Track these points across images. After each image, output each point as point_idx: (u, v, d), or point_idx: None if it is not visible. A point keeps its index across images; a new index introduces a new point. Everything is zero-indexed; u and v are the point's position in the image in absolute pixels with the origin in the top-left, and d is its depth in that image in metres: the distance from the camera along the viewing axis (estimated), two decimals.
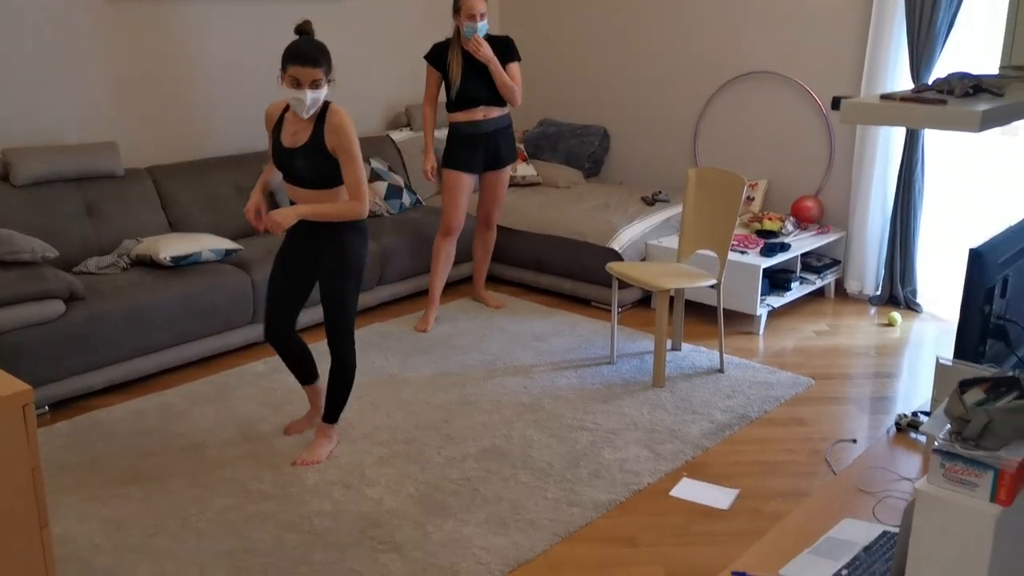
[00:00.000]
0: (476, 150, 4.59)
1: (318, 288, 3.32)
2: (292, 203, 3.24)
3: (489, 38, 4.51)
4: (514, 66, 4.56)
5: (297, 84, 3.02)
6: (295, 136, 3.16)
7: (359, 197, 3.13)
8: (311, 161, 3.13)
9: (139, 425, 3.61)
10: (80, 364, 3.70)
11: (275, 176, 3.41)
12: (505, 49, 4.54)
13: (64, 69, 4.42)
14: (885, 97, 1.52)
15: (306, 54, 3.02)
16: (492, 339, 4.52)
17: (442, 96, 4.63)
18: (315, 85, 3.03)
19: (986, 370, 2.00)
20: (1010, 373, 1.71)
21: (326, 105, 3.14)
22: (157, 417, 3.68)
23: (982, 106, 1.36)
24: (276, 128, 3.22)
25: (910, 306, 4.99)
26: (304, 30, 3.13)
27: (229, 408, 3.77)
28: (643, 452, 3.42)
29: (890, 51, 4.78)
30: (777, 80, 5.33)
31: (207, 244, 4.20)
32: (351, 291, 3.23)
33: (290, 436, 3.53)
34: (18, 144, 4.30)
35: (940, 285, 4.98)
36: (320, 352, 3.50)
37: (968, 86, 1.47)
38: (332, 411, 3.38)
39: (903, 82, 4.80)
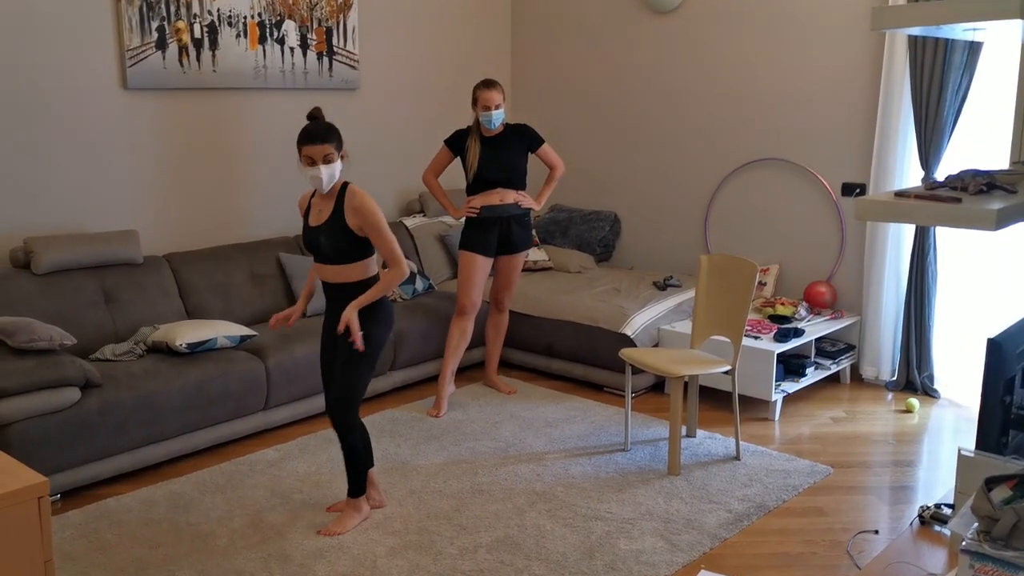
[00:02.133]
0: (491, 233, 4.66)
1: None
2: (323, 285, 3.44)
3: (507, 127, 4.64)
4: (545, 147, 4.76)
5: (312, 162, 3.24)
6: (320, 215, 3.36)
7: (396, 263, 3.32)
8: (331, 238, 3.30)
9: (148, 514, 3.57)
10: (92, 452, 3.68)
11: (317, 283, 3.61)
12: (529, 137, 4.71)
13: (85, 158, 4.53)
14: (899, 194, 1.54)
15: (315, 133, 3.25)
16: (504, 426, 4.49)
17: (458, 179, 4.71)
18: (328, 160, 3.24)
19: (1010, 463, 1.97)
20: None
21: (346, 185, 3.34)
22: (166, 506, 3.64)
23: (996, 204, 1.37)
24: (306, 213, 3.42)
25: (927, 392, 4.94)
26: (314, 115, 3.35)
27: (239, 497, 3.72)
28: (659, 543, 3.35)
29: (899, 136, 4.85)
30: (787, 167, 5.41)
31: (222, 331, 4.22)
32: (364, 366, 3.37)
33: (326, 515, 3.50)
34: (39, 233, 4.38)
35: (957, 370, 4.94)
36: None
37: (982, 183, 1.49)
38: (350, 485, 3.48)
39: (913, 167, 4.85)
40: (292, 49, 5.22)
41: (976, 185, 1.50)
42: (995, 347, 2.07)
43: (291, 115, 5.30)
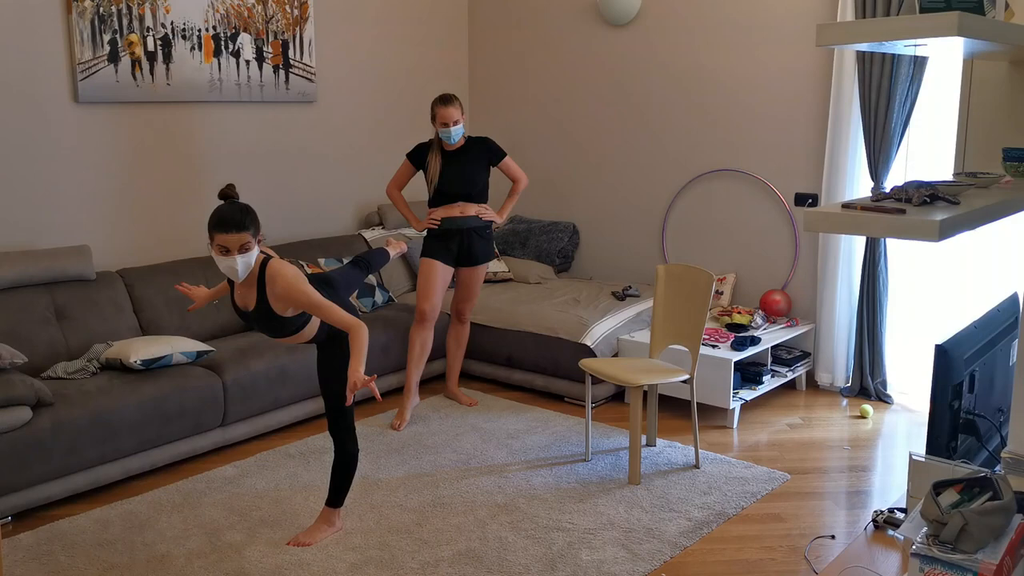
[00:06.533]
0: (451, 244, 4.68)
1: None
2: None
3: (469, 140, 4.66)
4: (507, 161, 4.76)
5: (226, 251, 2.94)
6: (244, 298, 3.15)
7: (350, 326, 3.02)
8: (266, 325, 3.17)
9: (103, 535, 3.51)
10: (44, 472, 3.61)
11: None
12: (490, 151, 4.73)
13: (35, 173, 4.45)
14: (846, 206, 1.57)
15: (231, 220, 2.93)
16: (465, 438, 4.48)
17: (421, 191, 4.71)
18: (244, 249, 2.95)
19: (959, 467, 2.02)
20: (983, 473, 1.73)
21: (265, 263, 3.08)
22: (121, 526, 3.58)
23: (939, 215, 1.41)
24: (231, 284, 3.24)
25: (881, 397, 5.03)
26: (227, 194, 3.04)
27: (196, 515, 3.67)
28: (621, 553, 3.36)
29: (849, 147, 4.95)
30: (741, 178, 5.49)
31: (178, 346, 4.16)
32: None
33: (285, 532, 3.45)
34: None
35: (910, 376, 5.04)
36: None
37: (925, 194, 1.53)
38: (335, 495, 3.47)
39: (863, 176, 4.95)
40: (248, 62, 5.19)
41: (920, 196, 1.54)
42: (943, 353, 2.12)
43: (247, 129, 5.27)
